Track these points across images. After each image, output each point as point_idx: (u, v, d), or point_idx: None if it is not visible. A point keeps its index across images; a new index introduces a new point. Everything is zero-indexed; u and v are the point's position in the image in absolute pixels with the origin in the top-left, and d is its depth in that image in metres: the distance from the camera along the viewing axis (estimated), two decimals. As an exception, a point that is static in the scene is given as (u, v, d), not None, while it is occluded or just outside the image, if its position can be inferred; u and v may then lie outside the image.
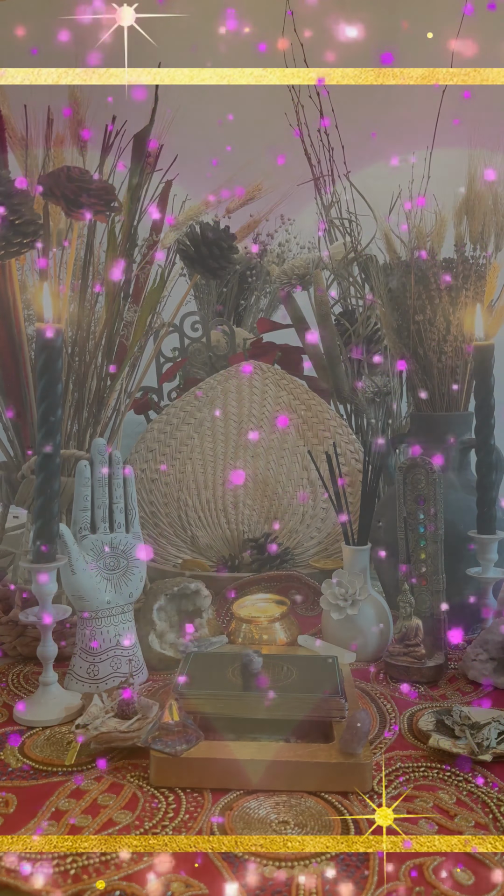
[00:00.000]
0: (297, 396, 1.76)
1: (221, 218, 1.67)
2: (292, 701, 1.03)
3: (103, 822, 0.85)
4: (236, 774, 0.91)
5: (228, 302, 2.27)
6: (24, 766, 0.97)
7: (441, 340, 1.47)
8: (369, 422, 1.92)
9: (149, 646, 1.27)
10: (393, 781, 0.94)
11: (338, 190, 2.04)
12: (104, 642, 1.20)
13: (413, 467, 1.32)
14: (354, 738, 0.93)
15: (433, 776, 0.95)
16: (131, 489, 1.26)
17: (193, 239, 1.54)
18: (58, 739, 1.04)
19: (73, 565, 1.17)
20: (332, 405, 1.92)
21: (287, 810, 0.87)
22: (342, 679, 1.09)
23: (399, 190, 1.82)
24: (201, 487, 1.68)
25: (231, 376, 1.77)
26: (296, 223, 2.35)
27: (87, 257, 1.38)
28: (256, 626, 1.34)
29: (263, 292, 2.34)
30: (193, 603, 1.35)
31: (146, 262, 1.46)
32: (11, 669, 1.28)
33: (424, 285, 1.47)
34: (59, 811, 0.87)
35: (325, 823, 0.85)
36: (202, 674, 1.11)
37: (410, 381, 1.55)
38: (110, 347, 1.41)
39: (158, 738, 0.94)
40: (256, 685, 1.06)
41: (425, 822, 0.86)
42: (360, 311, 1.93)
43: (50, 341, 1.05)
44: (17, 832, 0.83)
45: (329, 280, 2.03)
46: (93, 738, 0.98)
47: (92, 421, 1.41)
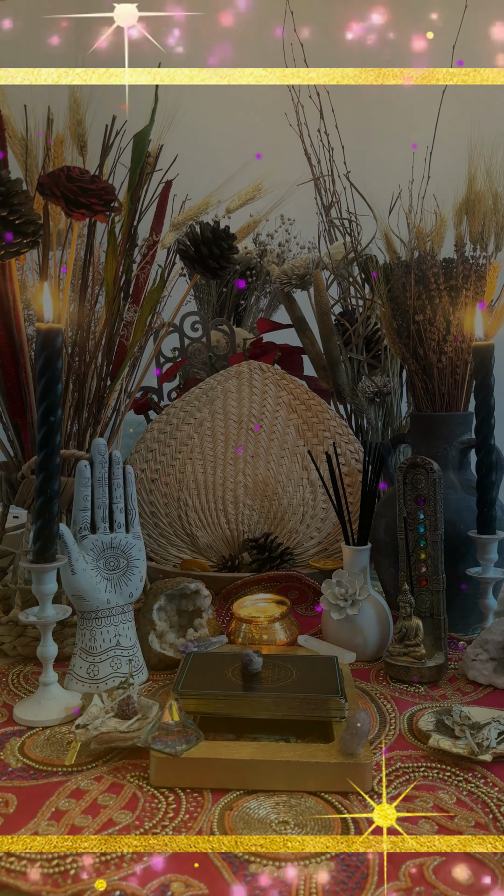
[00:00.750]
0: (297, 396, 1.76)
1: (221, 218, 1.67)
2: (292, 701, 1.03)
3: (103, 823, 0.85)
4: (236, 774, 0.91)
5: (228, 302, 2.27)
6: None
7: (441, 340, 1.47)
8: (369, 422, 1.92)
9: (149, 646, 1.27)
10: (393, 781, 0.94)
11: (338, 190, 2.04)
12: (104, 642, 1.20)
13: (413, 467, 1.32)
14: (354, 738, 0.93)
15: (433, 776, 0.95)
16: (131, 489, 1.26)
17: (193, 239, 1.54)
18: (58, 739, 1.05)
19: (72, 565, 1.17)
20: (332, 405, 1.92)
21: (287, 810, 0.87)
22: (342, 679, 1.09)
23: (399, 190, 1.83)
24: (201, 487, 1.68)
25: (231, 376, 1.77)
26: (296, 223, 2.35)
27: (87, 257, 1.38)
28: (256, 626, 1.34)
29: (263, 292, 2.34)
30: (193, 603, 1.35)
31: (146, 263, 1.46)
32: (11, 669, 1.28)
33: (424, 285, 1.47)
34: (60, 811, 0.87)
35: (325, 823, 0.85)
36: (202, 674, 1.11)
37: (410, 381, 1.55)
38: (110, 347, 1.41)
39: (158, 738, 0.94)
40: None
41: (426, 822, 0.86)
42: (360, 311, 1.93)
43: (50, 341, 1.05)
44: (17, 832, 0.83)
45: (329, 280, 2.04)
46: (93, 738, 0.98)
47: (92, 421, 1.41)
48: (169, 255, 1.60)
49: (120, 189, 1.36)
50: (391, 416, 1.92)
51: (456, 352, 1.47)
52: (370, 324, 1.92)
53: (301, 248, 2.34)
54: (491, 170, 1.46)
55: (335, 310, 1.97)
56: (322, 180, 2.06)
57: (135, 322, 1.44)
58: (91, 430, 1.42)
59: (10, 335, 1.35)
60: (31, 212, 1.16)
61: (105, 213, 1.25)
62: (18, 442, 1.41)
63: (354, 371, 1.91)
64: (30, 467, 1.34)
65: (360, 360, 1.92)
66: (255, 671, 1.10)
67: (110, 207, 1.24)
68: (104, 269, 1.37)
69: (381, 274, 1.59)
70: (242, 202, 1.76)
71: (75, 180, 1.19)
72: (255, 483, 1.68)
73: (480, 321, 1.36)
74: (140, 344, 1.48)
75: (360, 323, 1.90)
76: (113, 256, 1.36)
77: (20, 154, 1.40)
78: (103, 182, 1.22)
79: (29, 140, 1.37)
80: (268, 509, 1.67)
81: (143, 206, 1.44)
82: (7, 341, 1.35)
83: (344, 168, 2.04)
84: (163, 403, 2.09)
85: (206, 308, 2.29)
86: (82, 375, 1.38)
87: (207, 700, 1.04)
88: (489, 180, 1.47)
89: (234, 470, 1.70)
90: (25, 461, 1.39)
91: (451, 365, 1.48)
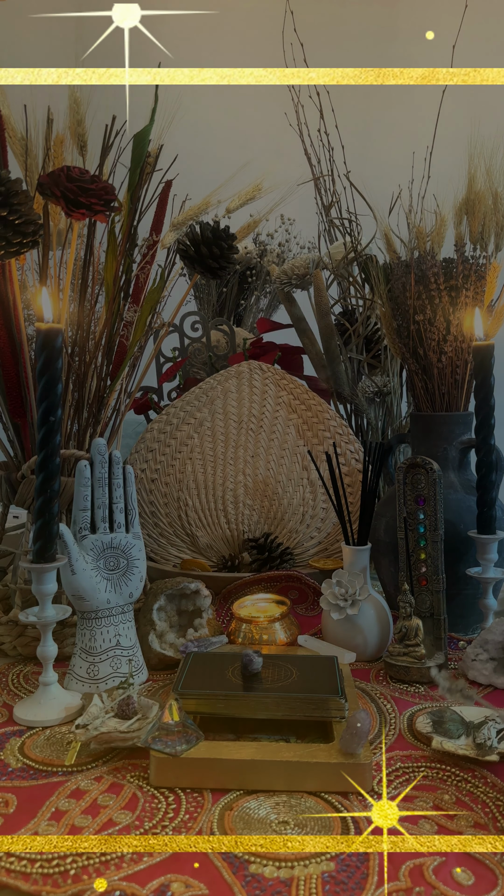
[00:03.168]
0: (297, 396, 1.76)
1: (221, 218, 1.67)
2: (292, 701, 1.03)
3: (103, 823, 0.85)
4: (236, 775, 0.92)
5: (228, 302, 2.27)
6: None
7: (441, 340, 1.47)
8: (369, 422, 1.92)
9: (149, 646, 1.27)
10: (393, 781, 0.94)
11: (338, 190, 2.04)
12: (104, 642, 1.20)
13: (413, 467, 1.32)
14: (354, 738, 0.93)
15: (433, 776, 0.96)
16: (131, 489, 1.26)
17: (193, 239, 1.54)
18: (58, 739, 1.05)
19: (72, 565, 1.17)
20: (332, 405, 1.92)
21: (287, 810, 0.87)
22: (342, 679, 1.09)
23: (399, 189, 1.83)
24: (201, 487, 1.68)
25: (231, 376, 1.77)
26: (296, 223, 2.35)
27: (87, 257, 1.38)
28: (256, 626, 1.34)
29: (263, 292, 2.34)
30: (193, 603, 1.35)
31: (146, 262, 1.46)
32: (11, 669, 1.28)
33: (424, 285, 1.47)
34: (60, 811, 0.87)
35: (325, 823, 0.85)
36: (202, 674, 1.11)
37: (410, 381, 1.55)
38: (110, 347, 1.41)
39: (158, 738, 0.94)
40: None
41: (426, 822, 0.86)
42: (360, 311, 1.93)
43: (50, 341, 1.05)
44: (17, 832, 0.83)
45: (329, 280, 2.04)
46: (93, 739, 0.98)
47: (92, 421, 1.41)
48: (169, 255, 1.60)
49: (120, 189, 1.36)
50: (391, 416, 1.93)
51: (456, 352, 1.47)
52: (370, 324, 1.92)
53: (301, 247, 2.34)
54: (491, 169, 1.46)
55: (335, 310, 1.97)
56: (322, 180, 2.06)
57: (135, 322, 1.44)
58: (91, 430, 1.42)
59: (10, 335, 1.35)
60: (31, 212, 1.16)
61: (105, 213, 1.25)
62: (18, 442, 1.41)
63: (354, 371, 1.91)
64: (30, 467, 1.34)
65: (361, 360, 1.92)
66: (255, 671, 1.11)
67: (110, 207, 1.24)
68: (104, 269, 1.38)
69: (380, 274, 1.59)
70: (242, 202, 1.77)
71: (75, 180, 1.19)
72: (255, 483, 1.69)
73: (480, 321, 1.36)
74: (140, 344, 1.48)
75: (360, 323, 1.90)
76: (113, 256, 1.36)
77: (20, 154, 1.40)
78: (103, 182, 1.22)
79: (29, 140, 1.37)
80: (268, 509, 1.68)
81: (143, 205, 1.44)
82: (7, 341, 1.35)
83: (344, 168, 2.04)
84: (163, 403, 2.10)
85: (206, 308, 2.29)
86: (82, 375, 1.39)
87: (207, 700, 1.04)
88: (489, 180, 1.47)
89: (234, 470, 1.70)
90: (25, 461, 1.39)
91: (451, 365, 1.48)
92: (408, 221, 1.59)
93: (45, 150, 1.38)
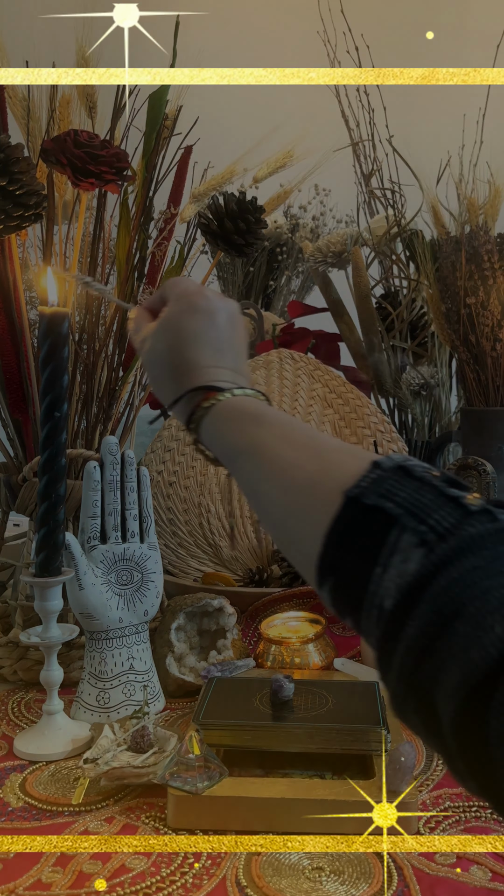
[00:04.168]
0: (334, 389, 1.76)
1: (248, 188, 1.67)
2: (328, 732, 1.03)
3: (115, 868, 0.85)
4: (265, 815, 0.91)
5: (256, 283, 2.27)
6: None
7: (496, 326, 1.46)
8: (414, 418, 1.92)
9: (166, 670, 1.27)
10: (441, 822, 0.94)
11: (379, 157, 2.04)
12: (116, 666, 1.20)
13: (464, 468, 1.31)
14: (398, 774, 0.92)
15: (486, 816, 0.95)
16: (146, 494, 1.26)
17: (216, 212, 1.54)
18: (64, 776, 1.05)
19: (80, 579, 1.17)
20: (373, 399, 1.92)
21: (322, 854, 0.87)
22: (384, 707, 1.08)
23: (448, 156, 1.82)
24: (225, 492, 1.68)
25: (259, 366, 1.77)
26: (332, 194, 2.34)
27: (96, 233, 1.38)
28: (287, 648, 1.34)
29: (295, 272, 2.34)
30: (216, 622, 1.35)
31: (163, 238, 1.46)
32: (12, 696, 1.29)
33: (477, 264, 1.47)
34: (66, 856, 0.87)
35: (366, 869, 0.85)
36: (226, 702, 1.11)
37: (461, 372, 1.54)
38: (122, 334, 1.41)
39: (177, 773, 0.94)
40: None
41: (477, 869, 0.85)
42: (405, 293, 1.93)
43: (55, 327, 1.05)
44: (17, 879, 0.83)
45: (369, 258, 2.03)
46: (103, 775, 0.97)
47: (102, 417, 1.41)
48: (189, 230, 1.59)
49: (133, 155, 1.36)
50: (439, 412, 1.92)
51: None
52: (415, 307, 1.91)
53: (338, 221, 2.33)
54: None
55: (376, 292, 1.97)
56: (361, 145, 2.06)
57: (150, 305, 1.44)
58: (101, 428, 1.42)
59: (11, 320, 1.35)
60: (34, 181, 1.17)
61: (117, 183, 1.25)
62: (19, 440, 1.41)
63: (398, 361, 1.91)
64: (32, 469, 1.34)
65: (405, 349, 1.91)
66: (285, 698, 1.10)
67: (122, 176, 1.24)
68: (116, 246, 1.38)
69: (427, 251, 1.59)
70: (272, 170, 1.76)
71: (83, 146, 1.20)
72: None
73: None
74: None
75: (405, 306, 1.89)
76: (126, 231, 1.36)
77: (21, 116, 1.40)
78: (115, 148, 1.22)
79: (31, 100, 1.37)
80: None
81: (159, 174, 1.44)
82: (7, 327, 1.35)
83: (386, 132, 2.03)
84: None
85: (230, 290, 2.29)
86: (91, 365, 1.39)
87: (232, 731, 1.04)
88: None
89: (262, 472, 1.69)
90: (27, 462, 1.40)
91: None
92: (458, 192, 1.59)
93: (49, 112, 1.39)
